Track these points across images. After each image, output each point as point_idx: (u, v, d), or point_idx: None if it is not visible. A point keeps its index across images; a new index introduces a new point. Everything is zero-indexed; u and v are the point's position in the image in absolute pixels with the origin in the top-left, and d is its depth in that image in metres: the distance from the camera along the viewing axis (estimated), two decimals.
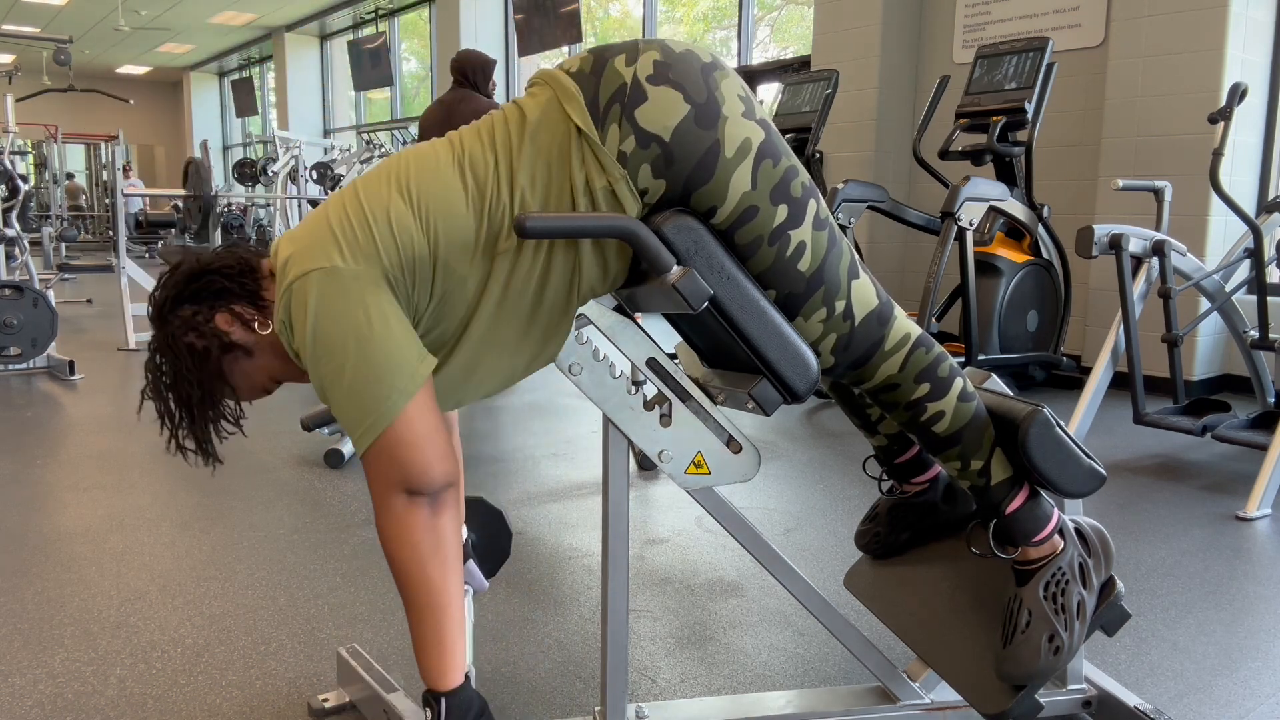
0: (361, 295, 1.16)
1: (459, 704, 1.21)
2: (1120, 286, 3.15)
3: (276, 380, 1.32)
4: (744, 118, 1.22)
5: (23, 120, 10.27)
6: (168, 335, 1.25)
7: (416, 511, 1.18)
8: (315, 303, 1.15)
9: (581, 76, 1.22)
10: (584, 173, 1.19)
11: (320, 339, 1.15)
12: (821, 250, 1.27)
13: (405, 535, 1.18)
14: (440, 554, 1.19)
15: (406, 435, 1.16)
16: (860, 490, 2.95)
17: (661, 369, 1.29)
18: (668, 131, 1.19)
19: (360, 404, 1.16)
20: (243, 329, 1.26)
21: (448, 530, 1.20)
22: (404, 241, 1.18)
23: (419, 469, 1.17)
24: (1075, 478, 1.36)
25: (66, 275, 9.07)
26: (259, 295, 1.27)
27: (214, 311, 1.25)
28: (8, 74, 9.46)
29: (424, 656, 1.21)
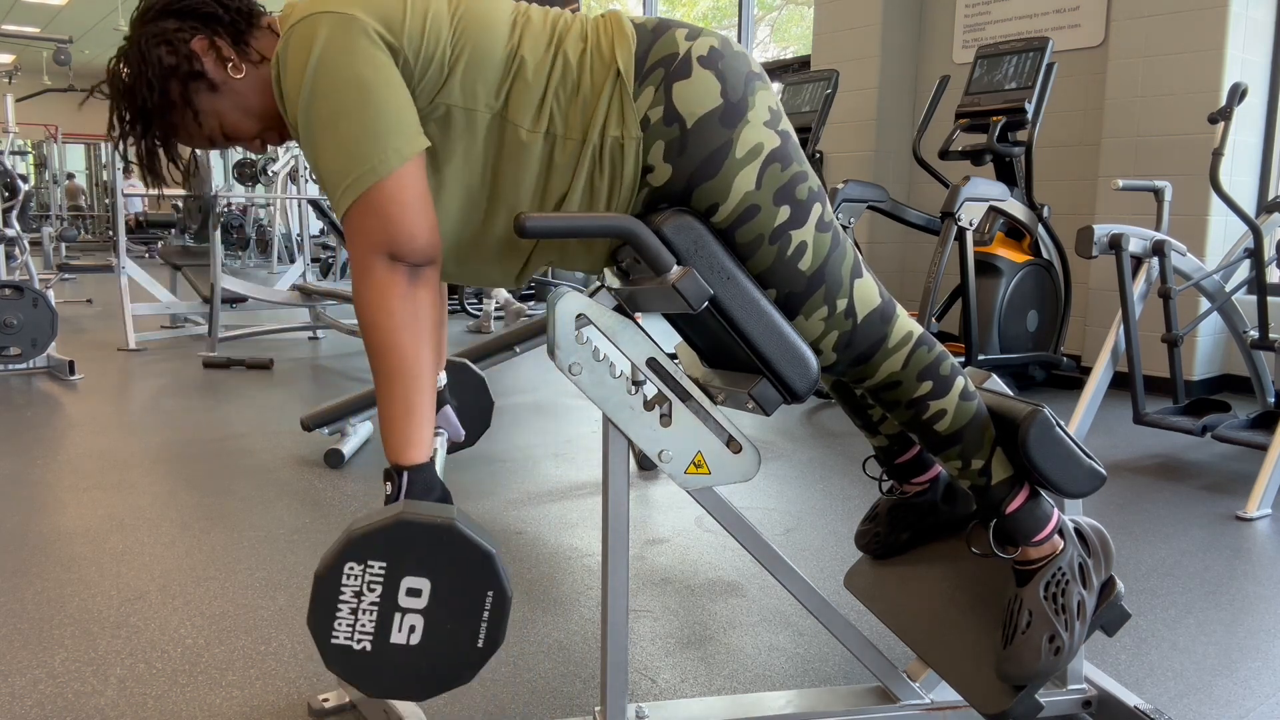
0: (371, 49, 1.12)
1: (422, 479, 1.16)
2: (1120, 286, 3.15)
3: (227, 134, 1.27)
4: (765, 126, 1.24)
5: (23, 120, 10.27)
6: (140, 38, 1.21)
7: (396, 278, 1.14)
8: (324, 40, 1.12)
9: (643, 30, 1.24)
10: (604, 115, 1.20)
11: (321, 77, 1.11)
12: (824, 250, 1.28)
13: (382, 301, 1.13)
14: (415, 325, 1.15)
15: (398, 195, 1.13)
16: (860, 490, 2.95)
17: (661, 369, 1.29)
18: (693, 118, 1.20)
19: (353, 153, 1.12)
20: (216, 63, 1.22)
21: (425, 304, 1.16)
22: (431, 34, 1.16)
23: (406, 232, 1.13)
24: (1075, 478, 1.36)
25: (66, 275, 9.07)
26: (246, 38, 1.24)
27: (195, 33, 1.22)
28: (8, 74, 9.46)
29: (389, 427, 1.15)
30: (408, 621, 1.08)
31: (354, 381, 4.63)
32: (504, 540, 2.46)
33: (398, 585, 1.07)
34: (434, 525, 1.07)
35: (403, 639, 1.08)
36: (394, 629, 1.08)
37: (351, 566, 1.06)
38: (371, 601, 1.07)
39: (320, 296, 5.58)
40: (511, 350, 3.24)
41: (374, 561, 1.06)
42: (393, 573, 1.07)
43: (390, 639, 1.08)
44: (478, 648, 1.10)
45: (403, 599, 1.07)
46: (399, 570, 1.07)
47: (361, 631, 1.07)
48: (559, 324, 1.22)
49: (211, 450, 3.28)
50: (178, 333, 5.99)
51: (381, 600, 1.07)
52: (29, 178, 14.23)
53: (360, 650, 1.08)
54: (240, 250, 13.01)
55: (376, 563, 1.06)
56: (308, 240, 6.86)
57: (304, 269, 6.55)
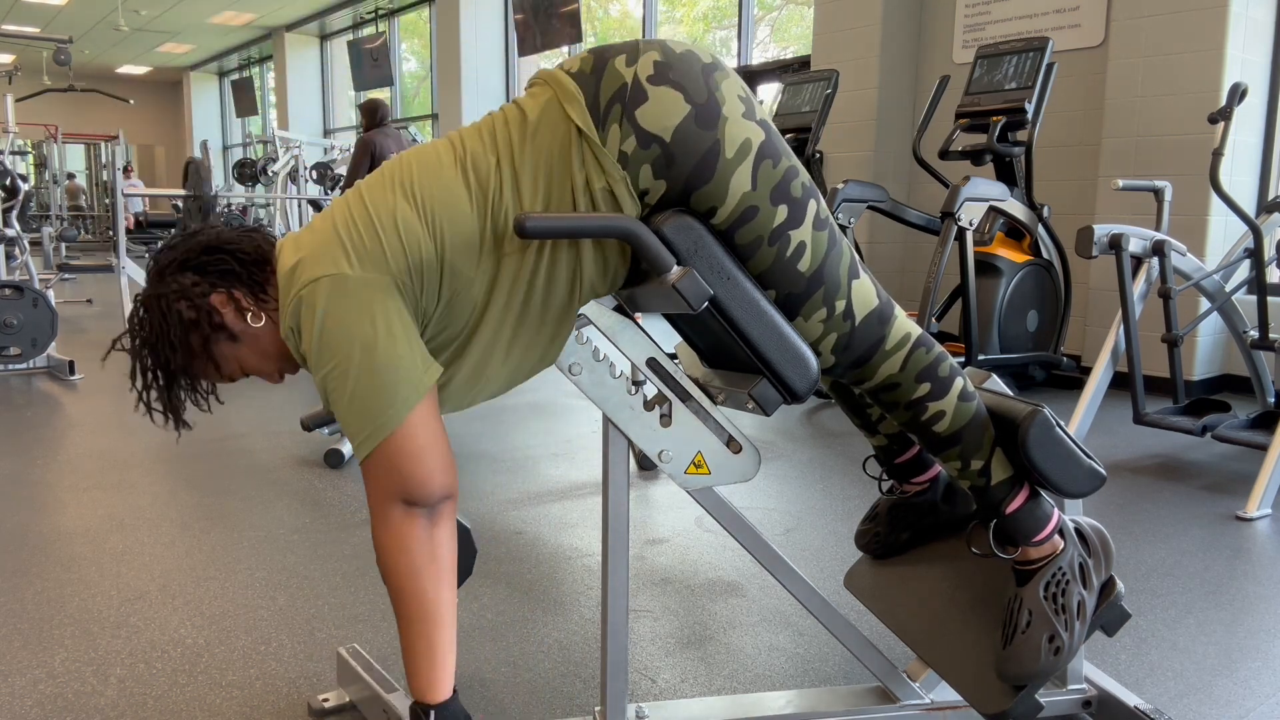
0: (369, 303, 1.16)
1: (448, 717, 1.21)
2: (1120, 286, 3.15)
3: (247, 373, 1.32)
4: (744, 118, 1.22)
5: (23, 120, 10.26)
6: (160, 295, 1.24)
7: (413, 522, 1.18)
8: (323, 309, 1.15)
9: (582, 77, 1.22)
10: (584, 173, 1.19)
11: (326, 345, 1.16)
12: (822, 250, 1.27)
13: (401, 546, 1.18)
14: (435, 566, 1.19)
15: (407, 445, 1.16)
16: (860, 490, 2.95)
17: (661, 369, 1.29)
18: (668, 132, 1.19)
19: (363, 412, 1.16)
20: (235, 315, 1.26)
21: (443, 542, 1.20)
22: (411, 246, 1.18)
23: (418, 480, 1.17)
24: (1075, 478, 1.36)
25: (66, 275, 9.07)
26: (263, 287, 1.27)
27: (214, 289, 1.25)
28: (8, 74, 9.46)
29: (414, 668, 1.21)
30: None
31: None
32: (504, 540, 2.46)
33: None
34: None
35: None
36: None
37: None
38: None
39: None
40: None
41: None
42: None
43: None
44: None
45: None
46: None
47: None
48: None
49: (211, 450, 3.28)
50: None
51: None
52: (29, 178, 14.23)
53: None
54: None
55: None
56: None
57: None
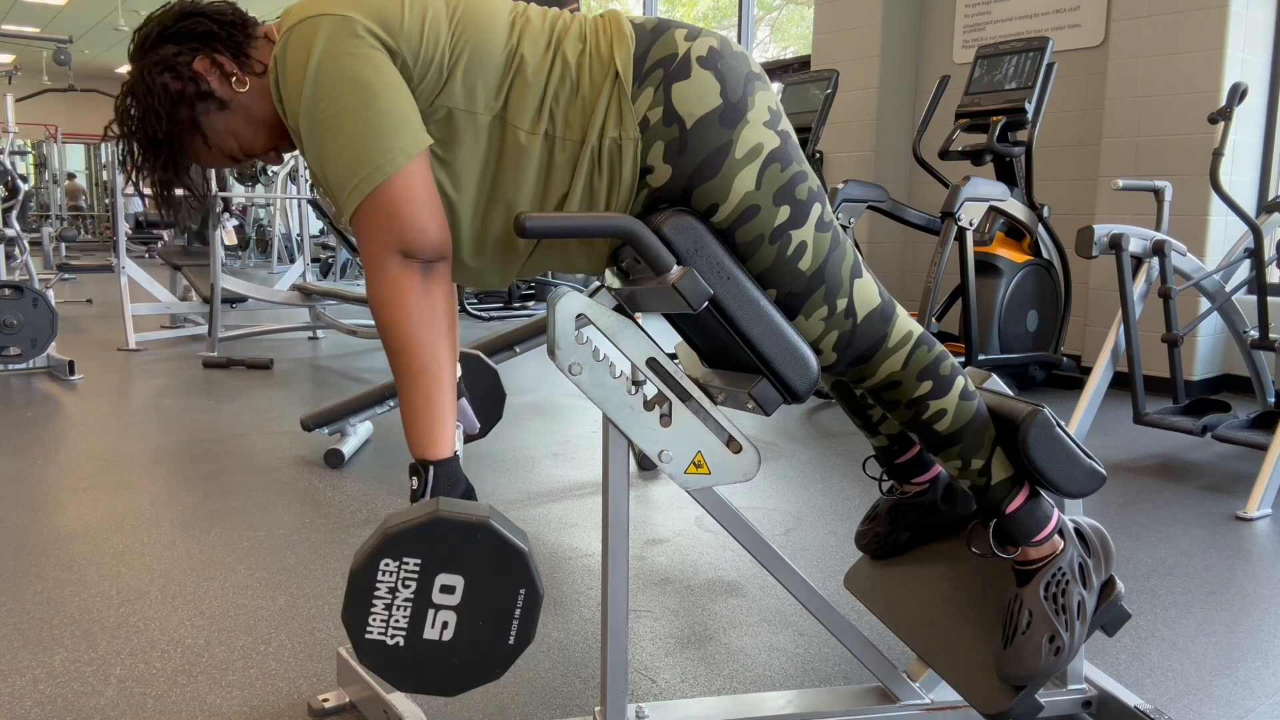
0: (370, 50, 1.13)
1: (447, 474, 1.18)
2: (1120, 286, 3.15)
3: (245, 150, 1.28)
4: (765, 126, 1.24)
5: (23, 120, 10.27)
6: (143, 70, 1.22)
7: (410, 275, 1.14)
8: (323, 44, 1.11)
9: (642, 30, 1.24)
10: (603, 116, 1.20)
11: (323, 79, 1.11)
12: (823, 250, 1.28)
13: (399, 298, 1.13)
14: (433, 321, 1.15)
15: (407, 191, 1.13)
16: (860, 490, 2.95)
17: (661, 369, 1.29)
18: (692, 118, 1.20)
19: (359, 153, 1.12)
20: (220, 80, 1.22)
21: (440, 299, 1.16)
22: (430, 35, 1.15)
23: (418, 228, 1.13)
24: (1075, 478, 1.36)
25: (66, 275, 9.07)
26: (245, 50, 1.24)
27: (195, 54, 1.22)
28: (8, 74, 9.47)
29: (413, 424, 1.16)
30: (441, 618, 1.09)
31: (354, 381, 4.63)
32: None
33: (432, 582, 1.08)
34: (469, 523, 1.08)
35: (436, 635, 1.09)
36: (427, 625, 1.09)
37: (387, 563, 1.06)
38: (405, 598, 1.08)
39: (320, 296, 5.58)
40: (512, 350, 3.24)
41: (409, 558, 1.07)
42: (427, 569, 1.07)
43: (424, 635, 1.09)
44: (509, 645, 1.11)
45: (436, 595, 1.08)
46: (434, 567, 1.08)
47: (395, 627, 1.08)
48: (559, 324, 1.22)
49: (211, 450, 3.28)
50: (178, 333, 5.99)
51: (415, 596, 1.08)
52: (29, 178, 14.23)
53: (394, 645, 1.08)
54: (240, 250, 13.02)
55: (412, 559, 1.07)
56: (308, 240, 6.86)
57: (304, 269, 6.55)
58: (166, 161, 1.24)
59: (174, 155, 1.25)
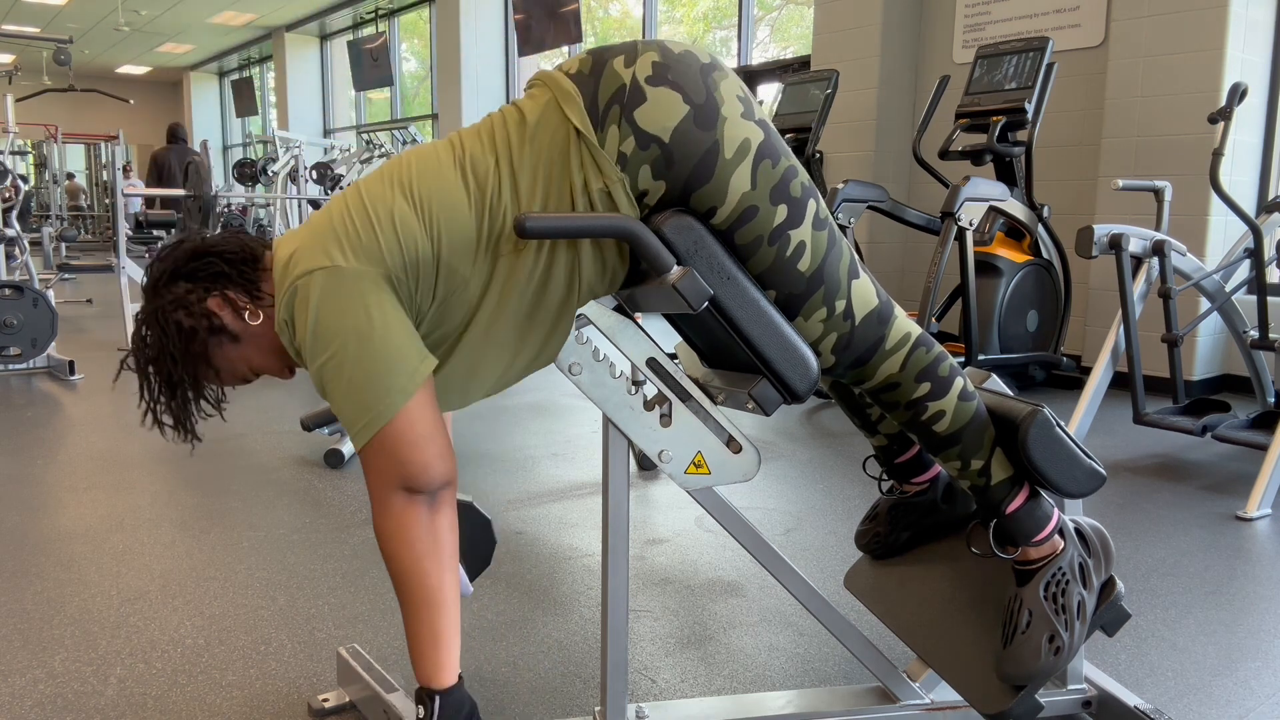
0: (363, 294, 1.16)
1: (452, 703, 1.22)
2: (1120, 286, 3.15)
3: (257, 372, 1.33)
4: (743, 118, 1.22)
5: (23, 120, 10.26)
6: (157, 309, 1.25)
7: (415, 510, 1.19)
8: (317, 300, 1.15)
9: (580, 78, 1.22)
10: (582, 174, 1.20)
11: (321, 336, 1.16)
12: (821, 250, 1.27)
13: (403, 533, 1.18)
14: (437, 552, 1.20)
15: (406, 433, 1.17)
16: (860, 490, 2.95)
17: (661, 369, 1.29)
18: (667, 132, 1.19)
19: (359, 401, 1.16)
20: (233, 315, 1.27)
21: (444, 529, 1.21)
22: (408, 242, 1.18)
23: (418, 467, 1.17)
24: (1075, 478, 1.36)
25: (66, 275, 9.07)
26: (255, 285, 1.27)
27: (208, 293, 1.25)
28: (8, 74, 9.46)
29: (419, 654, 1.22)
30: None
31: None
32: (504, 540, 2.46)
33: None
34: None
35: None
36: None
37: None
38: None
39: None
40: None
41: None
42: None
43: None
44: None
45: None
46: None
47: None
48: None
49: (211, 450, 3.28)
50: None
51: None
52: (29, 178, 14.22)
53: None
54: None
55: None
56: None
57: None
58: (182, 399, 1.28)
59: (188, 391, 1.29)
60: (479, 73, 10.09)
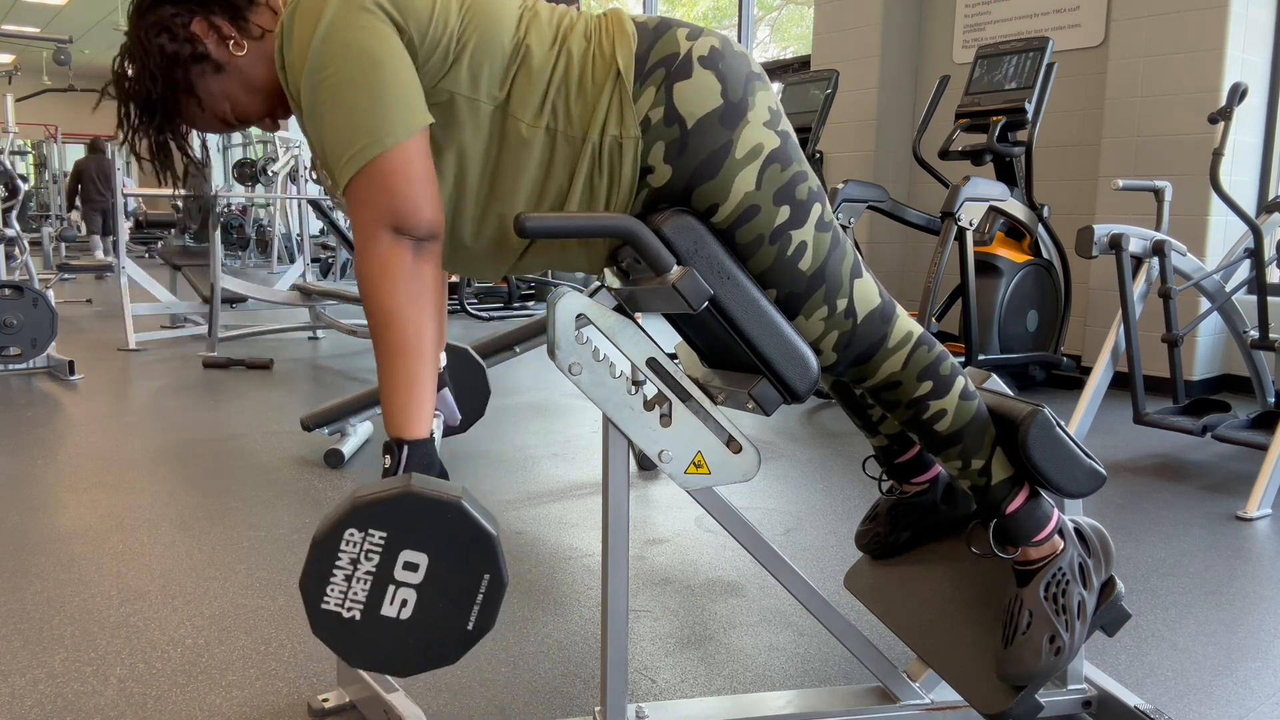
0: (379, 24, 1.13)
1: (422, 454, 1.15)
2: (1120, 286, 3.15)
3: (238, 116, 1.27)
4: (765, 126, 1.24)
5: (23, 120, 10.26)
6: (140, 30, 1.21)
7: (401, 252, 1.13)
8: (331, 13, 1.11)
9: (644, 29, 1.24)
10: (604, 114, 1.20)
11: (328, 47, 1.11)
12: (823, 250, 1.28)
13: (387, 273, 1.12)
14: (420, 299, 1.14)
15: (404, 166, 1.12)
16: (860, 490, 2.95)
17: (661, 369, 1.29)
18: (693, 118, 1.20)
19: (359, 124, 1.11)
20: (217, 43, 1.22)
21: (429, 279, 1.15)
22: (439, 16, 1.16)
23: (411, 205, 1.12)
24: (1075, 478, 1.36)
25: (66, 275, 9.07)
26: (244, 15, 1.23)
27: (192, 16, 1.21)
28: (8, 74, 9.46)
29: (391, 401, 1.14)
30: (400, 595, 1.07)
31: (354, 381, 4.63)
32: (504, 540, 2.46)
33: (395, 557, 1.06)
34: (440, 501, 1.06)
35: (394, 612, 1.07)
36: (386, 601, 1.07)
37: (352, 533, 1.04)
38: (366, 570, 1.06)
39: (320, 296, 5.58)
40: (512, 350, 3.24)
41: (375, 530, 1.05)
42: (392, 544, 1.05)
43: (381, 610, 1.07)
44: (467, 630, 1.09)
45: (398, 572, 1.06)
46: (399, 542, 1.06)
47: (353, 600, 1.06)
48: (559, 324, 1.22)
49: (211, 450, 3.28)
50: (178, 333, 5.99)
51: (376, 570, 1.06)
52: (29, 178, 14.23)
53: (349, 619, 1.06)
54: (240, 250, 13.02)
55: (377, 532, 1.05)
56: (308, 240, 6.86)
57: (304, 269, 6.55)
58: (161, 123, 1.24)
59: (168, 117, 1.24)
60: None
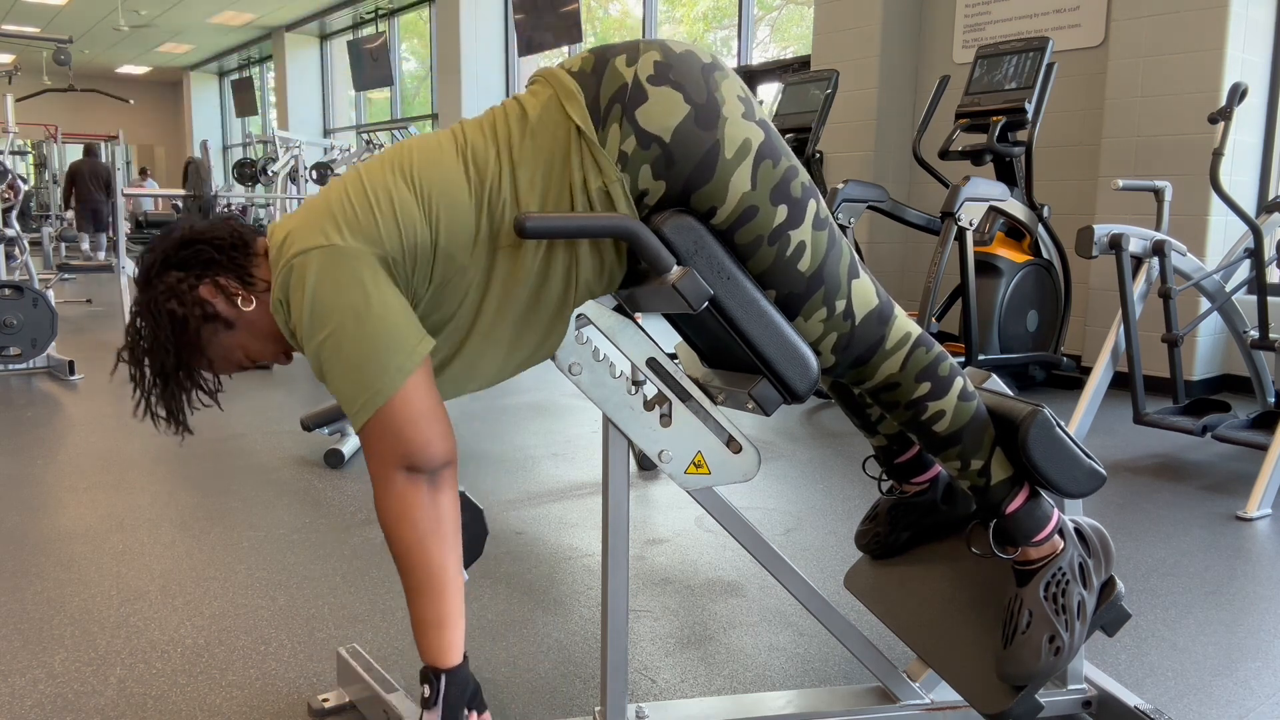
0: (359, 273, 1.15)
1: (457, 682, 1.21)
2: (1120, 286, 3.15)
3: (253, 359, 1.32)
4: (744, 119, 1.23)
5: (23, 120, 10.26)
6: (150, 299, 1.25)
7: (416, 489, 1.18)
8: (314, 279, 1.15)
9: (583, 76, 1.23)
10: (582, 172, 1.20)
11: (318, 314, 1.15)
12: (822, 250, 1.28)
13: (405, 512, 1.17)
14: (440, 532, 1.19)
15: (406, 411, 1.16)
16: (860, 490, 2.95)
17: (661, 369, 1.29)
18: (668, 132, 1.19)
19: (358, 379, 1.15)
20: (226, 302, 1.26)
21: (447, 509, 1.20)
22: (406, 226, 1.18)
23: (419, 445, 1.17)
24: (1075, 478, 1.36)
25: (66, 275, 9.07)
26: (247, 270, 1.27)
27: (199, 280, 1.25)
28: (8, 74, 9.46)
29: (423, 634, 1.20)
30: None
31: None
32: (504, 540, 2.46)
33: None
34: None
35: None
36: None
37: None
38: None
39: None
40: None
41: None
42: None
43: None
44: None
45: None
46: None
47: None
48: None
49: (211, 450, 3.28)
50: None
51: None
52: (29, 178, 14.22)
53: None
54: None
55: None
56: None
57: None
58: (176, 389, 1.28)
59: (182, 381, 1.28)
60: (479, 73, 10.09)
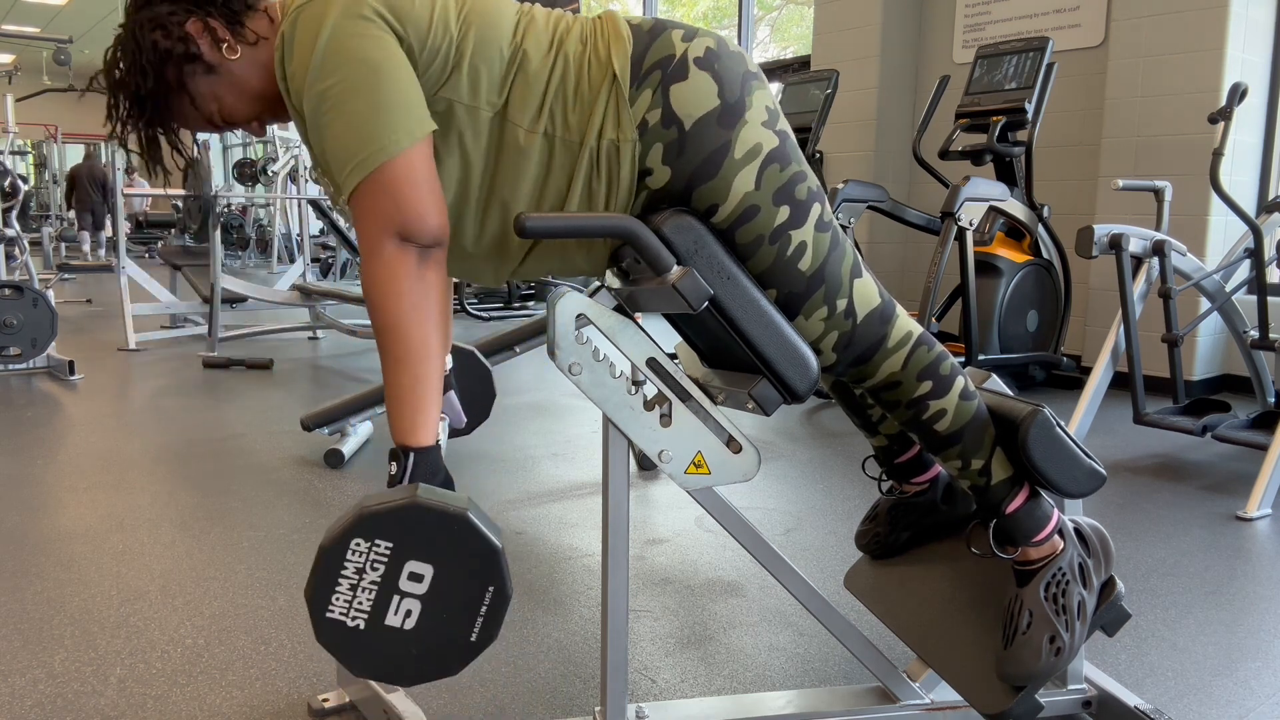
0: (381, 33, 1.13)
1: (428, 462, 1.15)
2: (1120, 286, 3.15)
3: (225, 117, 1.27)
4: (763, 126, 1.24)
5: (23, 120, 10.27)
6: (134, 25, 1.22)
7: (406, 258, 1.13)
8: (333, 22, 1.12)
9: (639, 31, 1.24)
10: (601, 118, 1.20)
11: (330, 57, 1.11)
12: (823, 250, 1.28)
13: (392, 281, 1.13)
14: (425, 307, 1.14)
15: (409, 174, 1.12)
16: (860, 490, 2.95)
17: (661, 369, 1.29)
18: (690, 120, 1.20)
19: (363, 132, 1.11)
20: (211, 45, 1.22)
21: (434, 285, 1.16)
22: (437, 29, 1.16)
23: (416, 212, 1.13)
24: (1075, 478, 1.36)
25: (66, 275, 9.08)
26: (241, 19, 1.23)
27: (188, 15, 1.21)
28: (8, 74, 9.46)
29: (397, 408, 1.15)
30: (405, 605, 1.07)
31: (354, 381, 4.63)
32: (504, 540, 2.45)
33: (401, 568, 1.06)
34: (446, 513, 1.06)
35: (397, 622, 1.08)
36: (390, 611, 1.07)
37: (358, 543, 1.05)
38: (372, 580, 1.06)
39: (320, 296, 5.58)
40: (511, 350, 3.24)
41: (381, 541, 1.05)
42: (398, 554, 1.06)
43: (385, 620, 1.07)
44: (470, 641, 1.10)
45: (404, 582, 1.07)
46: (405, 553, 1.06)
47: (357, 609, 1.07)
48: (559, 324, 1.22)
49: (211, 450, 3.28)
50: (178, 333, 5.99)
51: (382, 580, 1.07)
52: (29, 178, 14.23)
53: (353, 628, 1.07)
54: (240, 250, 13.02)
55: (384, 542, 1.05)
56: (307, 240, 6.86)
57: (304, 269, 6.55)
58: (151, 118, 1.24)
59: (157, 112, 1.24)
60: None
